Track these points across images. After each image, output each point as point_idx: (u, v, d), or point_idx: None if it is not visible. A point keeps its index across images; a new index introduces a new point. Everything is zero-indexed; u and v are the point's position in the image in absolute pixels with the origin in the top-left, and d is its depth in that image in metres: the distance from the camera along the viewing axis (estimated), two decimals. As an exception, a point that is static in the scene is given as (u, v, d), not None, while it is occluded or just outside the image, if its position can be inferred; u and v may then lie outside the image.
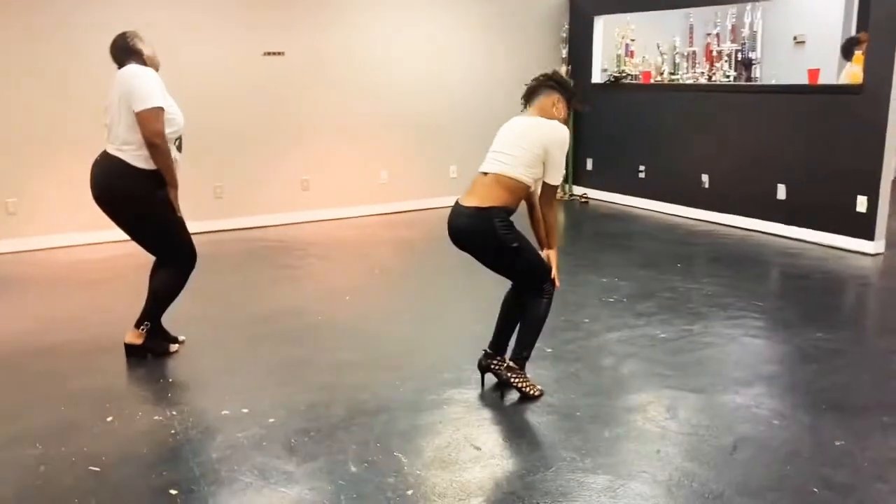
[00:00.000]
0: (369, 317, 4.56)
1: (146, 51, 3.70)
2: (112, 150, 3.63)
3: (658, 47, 8.41)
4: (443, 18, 7.67)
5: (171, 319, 4.03)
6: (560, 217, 7.79)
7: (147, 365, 3.82)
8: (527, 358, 3.39)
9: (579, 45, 8.38)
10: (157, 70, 3.72)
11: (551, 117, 3.34)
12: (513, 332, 3.46)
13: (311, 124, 7.19)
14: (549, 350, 3.93)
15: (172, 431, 3.09)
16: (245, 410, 3.27)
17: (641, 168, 7.87)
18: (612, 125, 8.12)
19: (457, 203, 3.33)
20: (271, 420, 3.17)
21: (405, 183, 7.78)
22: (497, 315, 3.50)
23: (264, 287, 5.25)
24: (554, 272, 3.38)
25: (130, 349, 3.85)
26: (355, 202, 7.47)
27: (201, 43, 6.60)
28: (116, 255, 5.93)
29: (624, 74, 8.06)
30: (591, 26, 8.27)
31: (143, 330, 3.85)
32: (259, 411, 3.26)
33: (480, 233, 3.22)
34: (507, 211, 3.25)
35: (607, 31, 8.31)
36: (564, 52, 8.39)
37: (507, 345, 3.47)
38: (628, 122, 7.95)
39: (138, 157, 3.59)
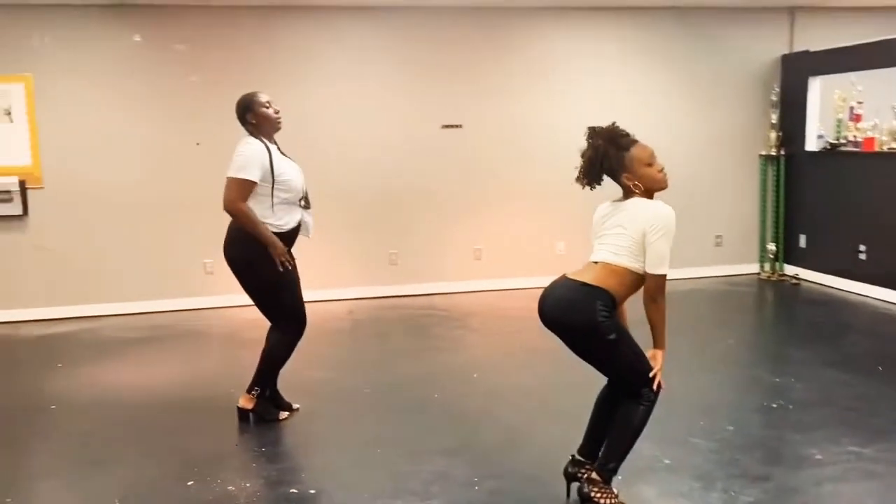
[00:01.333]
0: (487, 398, 4.30)
1: (250, 126, 3.80)
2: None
3: (894, 110, 7.30)
4: (630, 81, 7.30)
5: (292, 383, 4.11)
6: (766, 296, 6.96)
7: (252, 430, 3.90)
8: (613, 471, 2.93)
9: (791, 109, 7.53)
10: (275, 129, 3.83)
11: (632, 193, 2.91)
12: (605, 437, 3.03)
13: (485, 193, 7.15)
14: (668, 461, 3.40)
15: (235, 504, 3.09)
16: (312, 492, 3.19)
17: (862, 248, 6.79)
18: (829, 198, 7.13)
19: (562, 276, 3.01)
20: (328, 505, 3.05)
21: (584, 256, 7.39)
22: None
23: (404, 356, 5.22)
24: (657, 375, 2.92)
25: (242, 413, 3.96)
26: (529, 273, 7.25)
27: (381, 112, 6.88)
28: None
29: (842, 141, 7.08)
30: (805, 88, 7.40)
31: (253, 394, 3.94)
32: (327, 492, 3.15)
33: (577, 311, 2.84)
34: (613, 299, 2.87)
35: (825, 93, 7.39)
36: (774, 118, 7.59)
37: (599, 452, 3.05)
38: (847, 194, 6.93)
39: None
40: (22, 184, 6.30)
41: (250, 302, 3.90)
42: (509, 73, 7.09)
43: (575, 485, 3.03)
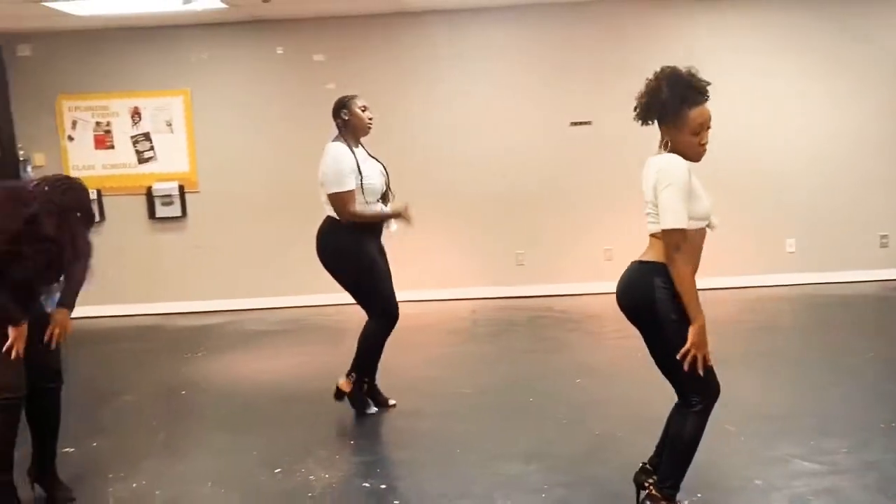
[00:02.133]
0: (582, 405, 4.20)
1: (341, 121, 3.99)
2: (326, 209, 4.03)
3: None
4: (777, 73, 6.76)
5: (402, 379, 4.34)
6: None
7: (348, 422, 4.08)
8: (672, 488, 2.75)
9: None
10: (363, 132, 3.99)
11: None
12: None
13: (615, 192, 6.91)
14: (759, 482, 3.16)
15: (309, 494, 3.25)
16: (383, 486, 3.29)
17: None
18: None
19: None
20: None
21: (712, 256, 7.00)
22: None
23: (512, 358, 5.22)
24: (691, 355, 2.55)
25: (338, 393, 4.14)
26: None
27: (509, 111, 6.89)
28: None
29: None
30: None
31: (350, 379, 4.11)
32: (396, 488, 3.25)
33: (635, 289, 2.66)
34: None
35: None
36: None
37: (665, 465, 2.90)
38: None
39: None
40: (181, 188, 6.96)
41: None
42: (641, 67, 6.80)
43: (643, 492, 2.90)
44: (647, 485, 2.83)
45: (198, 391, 4.79)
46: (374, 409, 4.16)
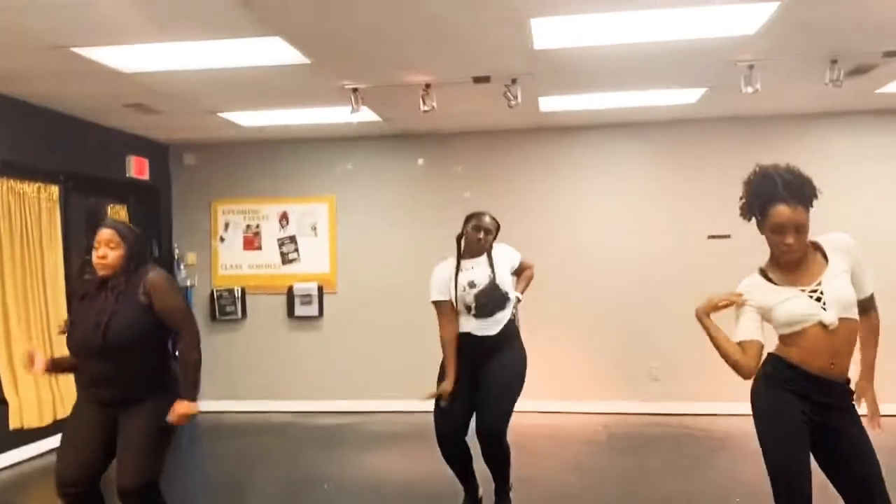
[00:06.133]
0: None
1: (461, 234, 4.09)
2: None
3: None
4: None
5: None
6: None
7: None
8: None
9: None
10: (471, 248, 4.04)
11: None
12: None
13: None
14: None
15: None
16: None
17: None
18: None
19: None
20: None
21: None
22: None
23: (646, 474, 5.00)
24: None
25: None
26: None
27: (646, 223, 6.91)
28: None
29: None
30: None
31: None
32: None
33: None
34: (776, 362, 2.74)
35: None
36: None
37: None
38: None
39: None
40: (320, 289, 7.24)
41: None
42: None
43: None
44: None
45: (339, 485, 4.82)
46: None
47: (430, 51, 4.45)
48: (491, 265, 4.01)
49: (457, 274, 3.98)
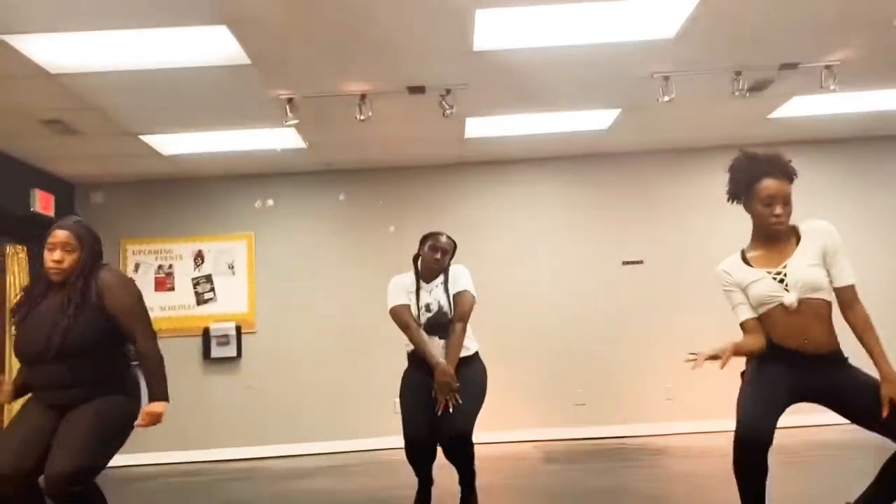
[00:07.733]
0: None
1: (418, 254, 4.13)
2: None
3: None
4: (845, 213, 7.04)
5: None
6: None
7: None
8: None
9: None
10: (427, 268, 4.06)
11: None
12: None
13: (672, 330, 6.96)
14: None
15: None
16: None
17: None
18: None
19: None
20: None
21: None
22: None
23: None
24: None
25: None
26: (725, 415, 6.79)
27: (561, 252, 7.14)
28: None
29: None
30: None
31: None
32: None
33: None
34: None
35: None
36: None
37: None
38: None
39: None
40: (238, 329, 6.96)
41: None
42: (691, 205, 7.13)
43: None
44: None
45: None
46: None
47: (367, 51, 4.52)
48: (447, 290, 4.05)
49: (417, 293, 4.02)
